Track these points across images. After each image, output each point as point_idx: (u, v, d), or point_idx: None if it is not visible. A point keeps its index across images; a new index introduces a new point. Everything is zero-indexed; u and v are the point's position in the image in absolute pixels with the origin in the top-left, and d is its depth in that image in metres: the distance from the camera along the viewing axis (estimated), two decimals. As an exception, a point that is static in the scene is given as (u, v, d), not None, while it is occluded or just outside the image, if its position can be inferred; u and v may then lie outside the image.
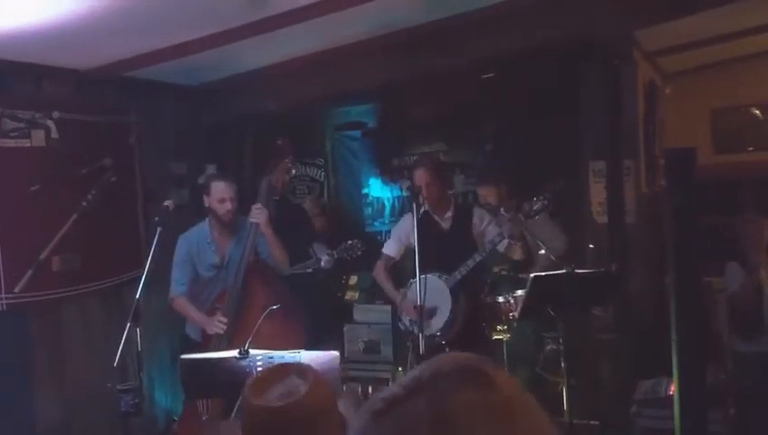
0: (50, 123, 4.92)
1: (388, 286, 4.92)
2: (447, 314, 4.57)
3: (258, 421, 1.74)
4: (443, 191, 4.87)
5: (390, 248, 4.96)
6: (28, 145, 4.81)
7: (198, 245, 4.58)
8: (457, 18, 4.86)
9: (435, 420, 0.82)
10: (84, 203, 5.07)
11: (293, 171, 4.50)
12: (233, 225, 4.53)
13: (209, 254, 4.59)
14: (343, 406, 1.85)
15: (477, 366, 0.88)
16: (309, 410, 1.69)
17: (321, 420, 1.71)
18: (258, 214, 4.31)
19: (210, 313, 4.42)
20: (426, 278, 4.31)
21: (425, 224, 4.61)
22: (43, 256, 4.81)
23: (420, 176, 4.71)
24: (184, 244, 4.59)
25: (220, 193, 4.44)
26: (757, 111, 7.43)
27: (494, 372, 0.87)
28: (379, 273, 4.97)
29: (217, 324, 4.29)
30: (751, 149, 7.46)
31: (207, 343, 4.31)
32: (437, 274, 4.60)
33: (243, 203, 4.59)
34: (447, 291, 4.58)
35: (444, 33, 5.01)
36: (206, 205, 4.51)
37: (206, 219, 4.63)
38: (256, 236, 4.35)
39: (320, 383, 1.76)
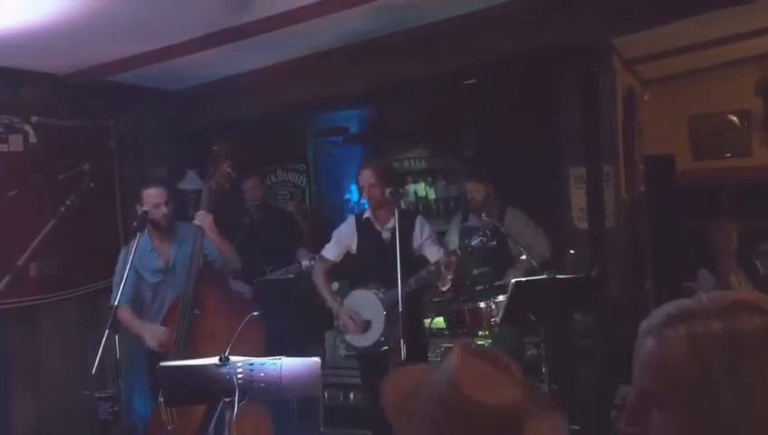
0: (28, 128, 4.87)
1: (325, 292, 4.74)
2: (381, 330, 4.44)
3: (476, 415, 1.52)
4: (384, 196, 4.48)
5: (330, 252, 4.74)
6: (6, 150, 4.76)
7: (141, 255, 4.41)
8: (439, 25, 4.87)
9: (730, 340, 1.00)
10: (63, 208, 5.01)
11: (233, 174, 4.51)
12: (170, 229, 4.51)
13: (152, 260, 4.51)
14: None
15: (757, 301, 1.04)
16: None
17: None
18: (201, 219, 4.31)
19: (165, 322, 4.33)
20: (359, 293, 4.40)
21: (366, 231, 4.57)
22: (20, 261, 4.76)
23: (365, 176, 4.50)
24: (122, 254, 4.47)
25: (153, 199, 4.41)
26: (735, 118, 7.52)
27: None
28: (318, 277, 4.76)
29: (157, 333, 4.24)
30: (728, 155, 7.54)
31: (168, 351, 4.18)
32: (375, 289, 4.48)
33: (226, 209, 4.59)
34: (382, 307, 4.43)
35: (426, 39, 5.02)
36: (139, 213, 4.41)
37: (144, 230, 4.46)
38: (202, 241, 4.32)
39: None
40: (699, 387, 1.01)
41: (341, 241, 4.71)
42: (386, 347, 4.46)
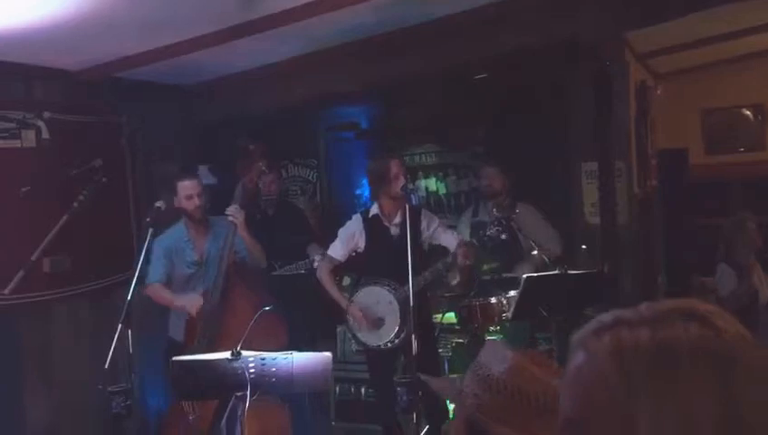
0: (41, 124, 4.89)
1: (332, 290, 4.69)
2: (396, 327, 4.43)
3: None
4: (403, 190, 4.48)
5: (336, 251, 4.69)
6: (19, 146, 4.79)
7: (176, 244, 4.61)
8: (449, 19, 4.85)
9: (657, 351, 0.82)
10: (75, 204, 5.04)
11: (267, 173, 4.60)
12: (205, 221, 4.61)
13: (188, 252, 4.62)
14: None
15: (699, 308, 0.87)
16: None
17: None
18: (234, 214, 4.37)
19: (190, 318, 4.42)
20: (370, 290, 4.37)
21: (374, 228, 4.55)
22: (33, 257, 4.79)
23: (397, 165, 4.45)
24: (161, 242, 4.57)
25: (186, 190, 4.52)
26: (748, 112, 7.46)
27: (716, 315, 0.87)
28: (324, 275, 4.70)
29: (196, 299, 4.33)
30: (742, 149, 7.48)
31: (190, 343, 4.31)
32: (387, 285, 4.46)
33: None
34: (396, 302, 4.41)
35: (437, 34, 5.01)
36: (176, 205, 4.56)
37: (181, 220, 4.67)
38: (234, 236, 4.38)
39: None
40: (618, 412, 0.82)
41: (348, 241, 4.65)
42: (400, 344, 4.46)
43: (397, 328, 4.42)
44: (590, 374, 0.86)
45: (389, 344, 4.48)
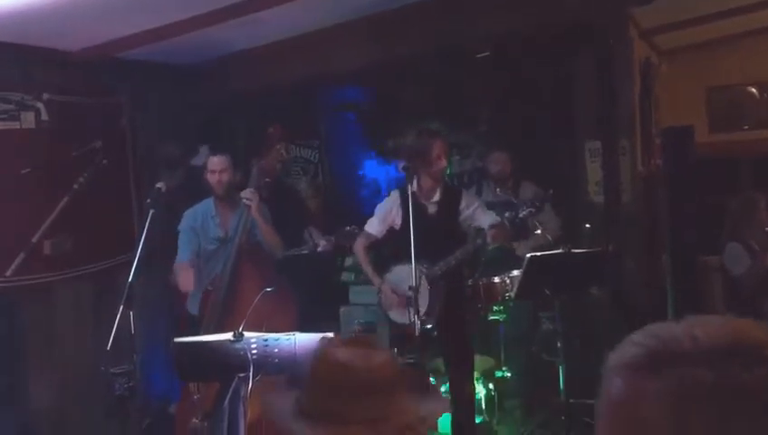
0: (40, 105, 4.86)
1: (367, 267, 4.69)
2: (426, 305, 4.36)
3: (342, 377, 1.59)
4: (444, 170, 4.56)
5: (373, 226, 4.67)
6: (18, 127, 4.76)
7: (203, 219, 4.69)
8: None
9: (722, 398, 0.76)
10: (76, 186, 5.02)
11: (285, 156, 4.60)
12: (228, 197, 4.65)
13: (213, 227, 4.69)
14: None
15: (759, 344, 0.81)
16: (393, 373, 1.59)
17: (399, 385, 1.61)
18: (249, 196, 4.39)
19: (205, 293, 4.48)
20: (403, 268, 4.29)
21: (411, 207, 4.53)
22: (34, 239, 4.78)
23: (440, 146, 4.44)
24: (189, 216, 4.71)
25: (211, 166, 4.64)
26: (753, 89, 7.39)
27: None
28: (360, 250, 4.70)
29: (186, 279, 4.44)
30: (746, 127, 7.42)
31: (201, 320, 4.36)
32: (419, 263, 4.36)
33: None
34: (425, 282, 4.37)
35: (439, 12, 4.96)
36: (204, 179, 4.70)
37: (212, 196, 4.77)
38: (249, 218, 4.37)
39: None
40: None
41: (386, 216, 4.60)
42: (429, 324, 4.44)
43: (426, 308, 4.40)
44: (645, 411, 0.80)
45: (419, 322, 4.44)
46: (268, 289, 3.57)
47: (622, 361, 0.85)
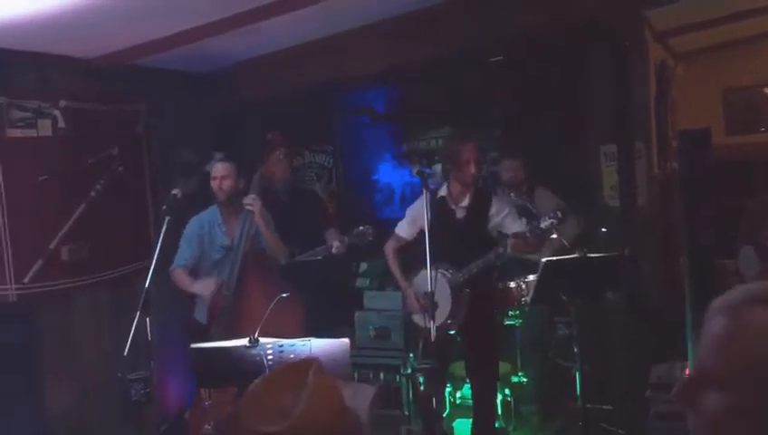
0: (57, 113, 4.90)
1: (396, 269, 4.71)
2: (448, 311, 4.38)
3: None
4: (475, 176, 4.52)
5: (403, 229, 4.69)
6: (35, 135, 4.79)
7: (210, 226, 4.68)
8: (465, 1, 4.80)
9: None
10: (92, 193, 5.05)
11: (285, 162, 4.64)
12: (231, 204, 4.62)
13: (219, 235, 4.67)
14: (358, 400, 1.73)
15: None
16: (305, 432, 1.50)
17: None
18: (251, 202, 4.42)
19: (214, 299, 4.49)
20: (432, 273, 4.26)
21: (439, 211, 4.45)
22: (51, 245, 4.81)
23: (470, 150, 4.41)
24: (195, 223, 4.68)
25: (214, 172, 4.61)
26: (769, 91, 7.35)
27: None
28: (390, 252, 4.73)
29: (206, 283, 4.45)
30: (763, 129, 7.37)
31: (211, 326, 4.38)
32: (444, 268, 4.38)
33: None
34: (448, 288, 4.37)
35: (452, 16, 4.96)
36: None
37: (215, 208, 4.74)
38: (252, 224, 4.40)
39: (320, 396, 1.55)
40: (759, 376, 0.97)
41: (416, 219, 4.55)
42: (452, 331, 4.42)
43: (448, 312, 4.38)
44: (747, 340, 1.00)
45: (440, 328, 4.41)
46: (284, 295, 3.58)
47: (723, 303, 1.06)
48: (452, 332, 4.45)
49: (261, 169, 4.60)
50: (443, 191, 4.55)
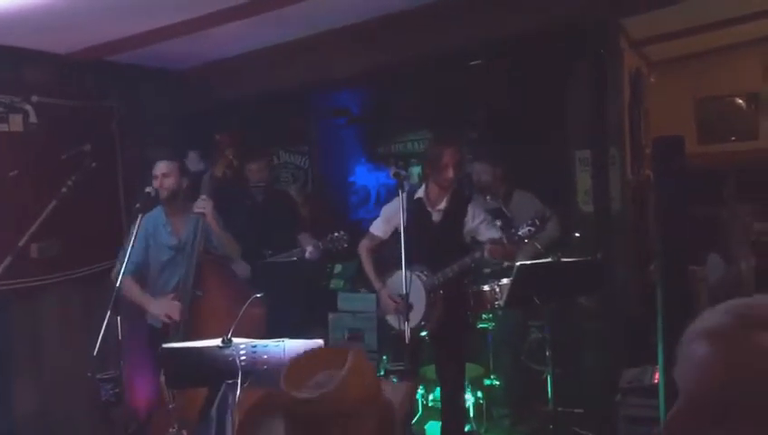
0: (28, 108, 4.83)
1: (370, 269, 4.68)
2: (422, 313, 4.38)
3: (293, 413, 1.62)
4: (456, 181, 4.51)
5: (378, 228, 4.66)
6: (6, 130, 4.73)
7: (155, 227, 4.53)
8: (443, 4, 4.81)
9: None
10: (64, 189, 4.96)
11: (234, 163, 4.57)
12: (175, 203, 4.50)
13: (165, 236, 4.54)
14: (392, 394, 1.78)
15: None
16: (341, 402, 1.58)
17: (355, 411, 1.61)
18: (202, 205, 4.33)
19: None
20: (407, 274, 4.19)
21: (416, 212, 4.44)
22: (21, 242, 4.73)
23: (450, 154, 4.37)
24: (143, 224, 4.34)
25: (156, 170, 4.46)
26: (741, 101, 7.46)
27: None
28: (363, 251, 4.70)
29: (168, 304, 4.26)
30: (734, 138, 7.48)
31: (168, 331, 4.25)
32: (419, 270, 4.39)
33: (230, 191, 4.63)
34: (423, 290, 4.37)
35: (430, 19, 4.96)
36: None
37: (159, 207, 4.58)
38: (204, 227, 4.35)
39: (356, 373, 1.63)
40: None
41: (391, 218, 4.54)
42: (426, 331, 4.43)
43: (422, 313, 4.39)
44: (750, 365, 0.96)
45: (415, 329, 4.38)
46: (257, 295, 3.55)
47: (708, 328, 1.01)
48: (424, 333, 4.45)
49: (211, 169, 4.52)
50: (420, 193, 4.54)
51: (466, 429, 4.76)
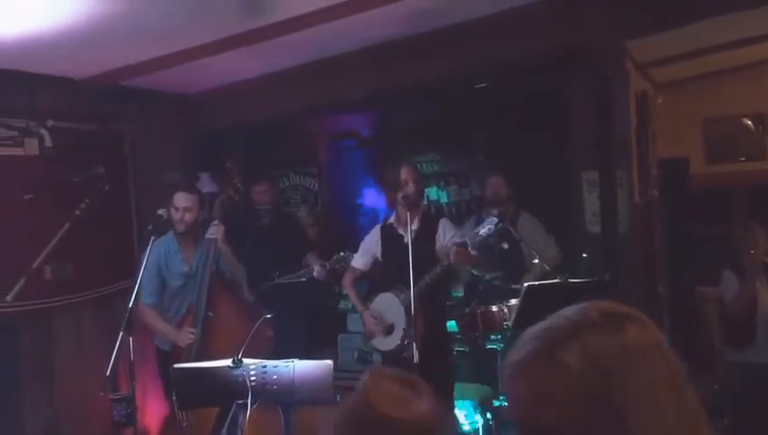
0: (43, 132, 4.91)
1: (353, 297, 4.86)
2: (402, 331, 4.46)
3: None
4: (420, 198, 4.72)
5: (358, 261, 4.87)
6: (21, 153, 4.80)
7: (166, 255, 4.63)
8: (450, 29, 4.87)
9: (625, 355, 0.93)
10: (77, 212, 5.06)
11: (241, 189, 4.74)
12: (190, 235, 4.63)
13: (178, 264, 4.65)
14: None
15: (628, 313, 1.01)
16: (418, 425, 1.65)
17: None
18: (214, 231, 4.49)
19: (180, 326, 4.51)
20: (384, 296, 4.44)
21: (389, 238, 4.60)
22: (35, 264, 4.80)
23: (408, 171, 4.54)
24: (154, 250, 4.44)
25: (177, 203, 4.55)
26: (749, 122, 7.46)
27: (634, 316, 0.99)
28: (346, 283, 4.92)
29: (188, 335, 4.39)
30: (743, 159, 7.48)
31: (179, 353, 4.35)
32: (395, 291, 4.50)
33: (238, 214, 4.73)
34: (401, 307, 4.44)
35: (437, 43, 5.03)
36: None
37: (170, 233, 4.68)
38: (216, 252, 4.46)
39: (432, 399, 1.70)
40: (601, 408, 0.91)
41: (368, 250, 4.81)
42: (405, 352, 4.45)
43: (402, 332, 4.43)
44: (565, 379, 0.93)
45: (397, 349, 4.50)
46: (267, 316, 3.60)
47: (520, 357, 1.00)
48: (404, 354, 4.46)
49: (221, 196, 4.72)
50: (391, 218, 4.69)
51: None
